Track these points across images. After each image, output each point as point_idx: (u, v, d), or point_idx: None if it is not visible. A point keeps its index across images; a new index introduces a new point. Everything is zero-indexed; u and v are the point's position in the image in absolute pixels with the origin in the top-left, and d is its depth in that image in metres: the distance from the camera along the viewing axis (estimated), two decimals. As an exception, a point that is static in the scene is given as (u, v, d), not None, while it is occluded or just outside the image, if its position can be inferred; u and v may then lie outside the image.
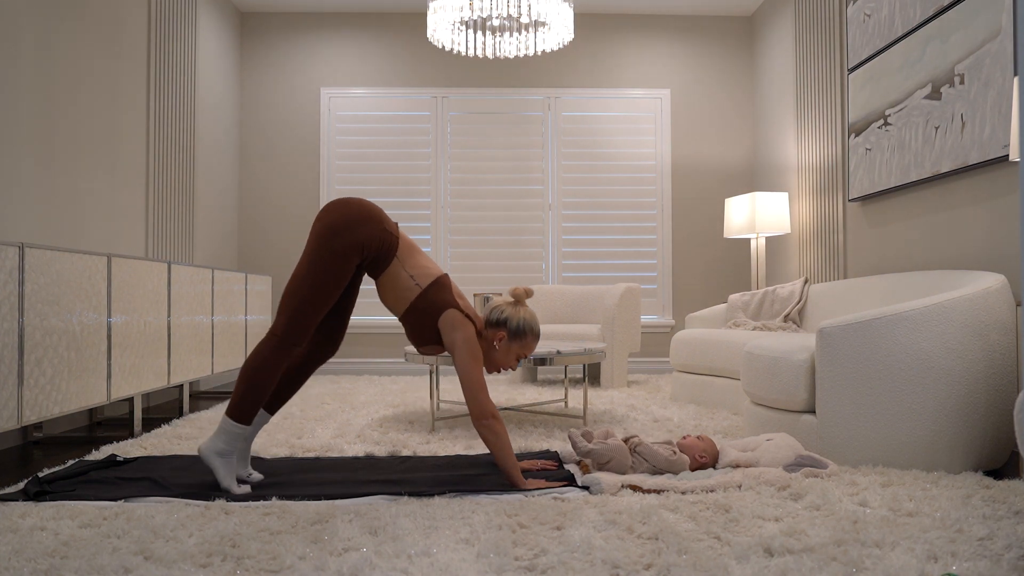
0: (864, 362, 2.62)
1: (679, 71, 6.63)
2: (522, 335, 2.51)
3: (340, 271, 2.34)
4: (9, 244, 2.66)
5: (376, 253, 2.39)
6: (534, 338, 2.54)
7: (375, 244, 2.37)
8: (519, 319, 2.50)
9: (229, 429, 2.33)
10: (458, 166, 6.53)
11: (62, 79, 3.78)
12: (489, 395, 2.39)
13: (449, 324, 2.41)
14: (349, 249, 2.34)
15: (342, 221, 2.35)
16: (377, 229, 2.38)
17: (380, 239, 2.38)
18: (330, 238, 2.34)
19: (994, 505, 2.10)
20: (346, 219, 2.36)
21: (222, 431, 2.34)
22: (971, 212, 3.43)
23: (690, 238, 6.58)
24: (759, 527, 1.93)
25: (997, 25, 3.18)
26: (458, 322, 2.41)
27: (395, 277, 2.42)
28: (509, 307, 2.53)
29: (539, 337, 2.59)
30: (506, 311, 2.52)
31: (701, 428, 3.47)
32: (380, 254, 2.40)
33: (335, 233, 2.34)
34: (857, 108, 4.44)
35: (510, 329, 2.49)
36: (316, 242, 2.35)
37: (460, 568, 1.65)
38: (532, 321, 2.53)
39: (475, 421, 2.35)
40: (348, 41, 6.54)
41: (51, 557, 1.72)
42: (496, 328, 2.51)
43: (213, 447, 2.33)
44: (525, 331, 2.51)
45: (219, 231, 5.97)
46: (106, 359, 3.30)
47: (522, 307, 2.54)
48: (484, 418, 2.33)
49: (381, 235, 2.39)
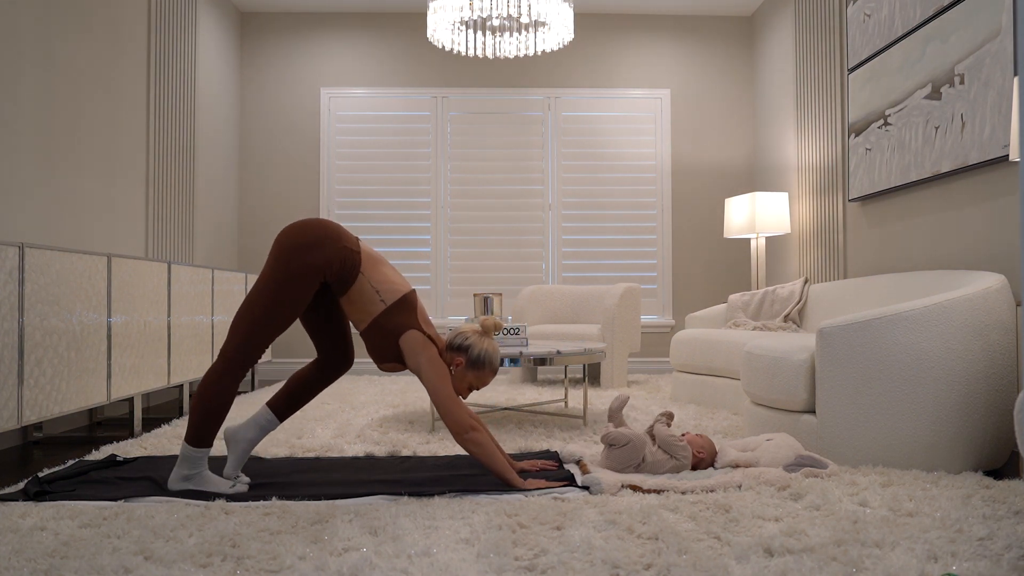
0: (864, 362, 2.62)
1: (679, 71, 6.63)
2: (480, 366, 2.46)
3: (298, 294, 2.31)
4: (9, 244, 2.66)
5: (339, 273, 2.35)
6: (491, 372, 2.48)
7: (336, 264, 2.34)
8: (481, 350, 2.46)
9: (190, 455, 2.32)
10: (458, 166, 6.53)
11: (62, 79, 3.78)
12: (463, 407, 2.37)
13: (411, 347, 2.37)
14: (308, 271, 2.31)
15: (299, 244, 2.32)
16: (335, 249, 2.34)
17: (341, 259, 2.34)
18: (287, 262, 2.31)
19: (994, 505, 2.10)
20: (303, 242, 2.32)
21: (184, 459, 2.32)
22: (971, 212, 3.43)
23: (690, 238, 6.58)
24: (759, 527, 1.93)
25: (997, 25, 3.18)
26: (419, 344, 2.37)
27: (360, 292, 2.38)
28: (475, 335, 2.49)
29: (496, 373, 2.54)
30: (470, 339, 2.47)
31: (701, 428, 3.47)
32: (343, 273, 2.36)
33: (292, 257, 2.31)
34: (857, 108, 4.44)
35: (470, 357, 2.45)
36: (273, 265, 2.32)
37: (460, 568, 1.65)
38: (493, 355, 2.48)
39: (456, 437, 2.33)
40: (348, 41, 6.54)
41: (51, 557, 1.72)
42: (456, 353, 2.46)
43: (179, 476, 2.32)
44: (484, 363, 2.46)
45: (219, 231, 5.97)
46: (106, 359, 3.30)
47: (487, 339, 2.49)
48: (464, 432, 2.32)
49: (341, 254, 2.34)
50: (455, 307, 6.48)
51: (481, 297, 3.91)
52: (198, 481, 2.32)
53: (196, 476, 2.33)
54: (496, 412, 4.00)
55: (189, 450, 2.32)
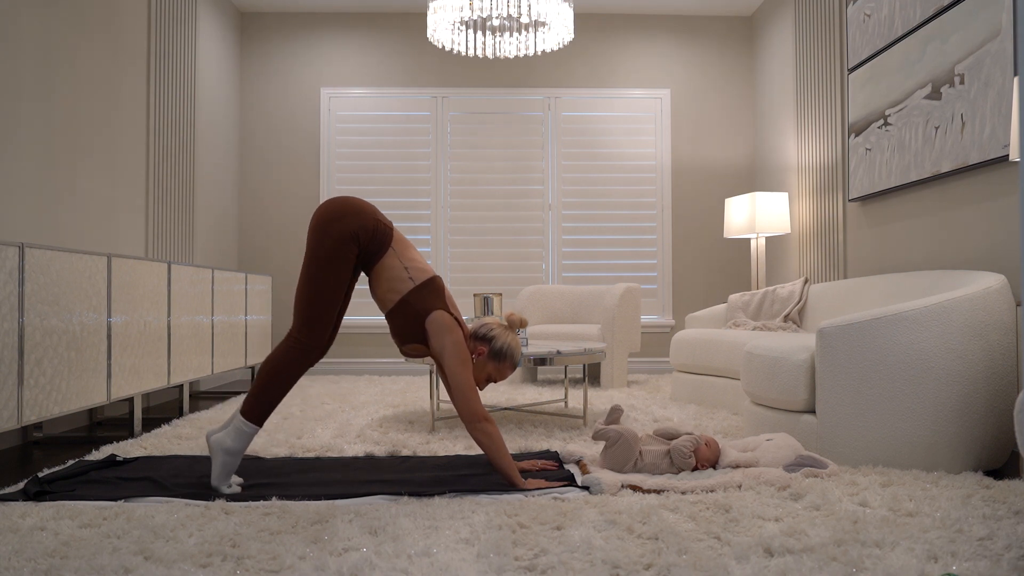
0: (864, 362, 2.62)
1: (679, 71, 6.63)
2: (501, 358, 2.49)
3: (341, 262, 2.36)
4: (9, 244, 2.66)
5: (370, 241, 2.40)
6: (511, 366, 2.51)
7: (369, 232, 2.39)
8: (505, 342, 2.49)
9: (241, 427, 2.34)
10: (458, 166, 6.53)
11: (62, 79, 3.78)
12: (479, 397, 2.38)
13: (438, 327, 2.39)
14: (345, 237, 2.36)
15: (336, 213, 2.38)
16: (370, 220, 2.40)
17: (374, 228, 2.40)
18: (325, 231, 2.36)
19: (994, 505, 2.10)
20: (339, 211, 2.38)
21: (234, 429, 2.34)
22: (971, 212, 3.43)
23: (690, 238, 6.58)
24: (759, 527, 1.93)
25: (997, 25, 3.18)
26: (447, 325, 2.40)
27: (389, 267, 2.42)
28: (499, 328, 2.52)
29: (516, 367, 2.57)
30: (495, 330, 2.51)
31: (701, 428, 3.47)
32: (374, 243, 2.41)
33: (329, 224, 2.36)
34: (857, 108, 4.44)
35: (493, 348, 2.48)
36: (313, 238, 2.38)
37: (460, 568, 1.65)
38: (516, 349, 2.51)
39: (467, 425, 2.34)
40: (348, 41, 6.54)
41: (51, 557, 1.72)
42: (480, 342, 2.49)
43: (222, 443, 2.33)
44: (506, 355, 2.49)
45: (219, 231, 5.97)
46: (106, 359, 3.30)
47: (511, 333, 2.52)
48: (476, 421, 2.33)
49: (375, 224, 2.40)
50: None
51: (481, 297, 3.91)
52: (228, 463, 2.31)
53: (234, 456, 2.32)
54: (496, 412, 4.00)
55: (241, 421, 2.34)
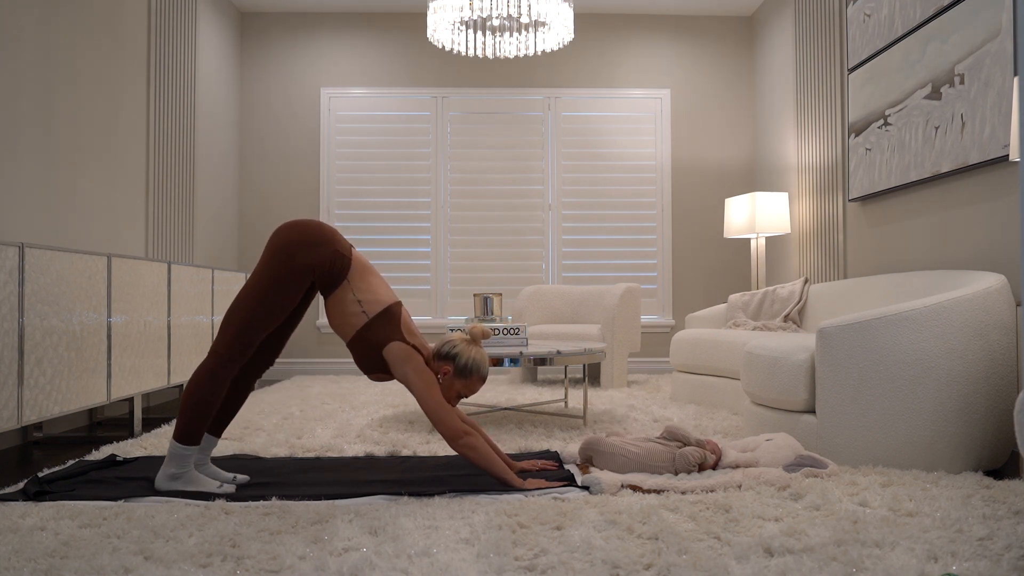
0: (864, 362, 2.62)
1: (679, 71, 6.63)
2: (468, 374, 2.46)
3: (289, 291, 2.34)
4: (9, 244, 2.66)
5: (328, 275, 2.38)
6: (479, 380, 2.48)
7: (326, 265, 2.37)
8: (468, 357, 2.46)
9: (178, 452, 2.32)
10: (458, 166, 6.53)
11: (62, 79, 3.78)
12: (454, 414, 2.37)
13: (394, 358, 2.38)
14: (301, 270, 2.34)
15: (294, 242, 2.35)
16: (329, 251, 2.37)
17: (331, 260, 2.37)
18: (282, 259, 2.33)
19: (994, 505, 2.10)
20: (298, 240, 2.35)
21: (171, 456, 2.32)
22: (971, 212, 3.43)
23: (690, 238, 6.58)
24: (759, 527, 1.93)
25: (997, 25, 3.18)
26: (403, 355, 2.37)
27: (342, 301, 2.40)
28: (462, 344, 2.49)
29: (485, 380, 2.54)
30: (458, 347, 2.47)
31: (701, 428, 3.47)
32: (331, 276, 2.39)
33: (287, 254, 2.33)
34: (857, 108, 4.44)
35: (457, 365, 2.45)
36: (268, 262, 2.34)
37: (460, 568, 1.65)
38: (481, 362, 2.48)
39: (451, 444, 2.33)
40: (348, 41, 6.54)
41: (51, 557, 1.72)
42: (444, 361, 2.46)
43: (166, 475, 2.32)
44: (472, 371, 2.46)
45: (219, 231, 5.97)
46: (106, 359, 3.30)
47: (475, 347, 2.49)
48: (458, 438, 2.32)
49: (332, 256, 2.37)
50: (455, 307, 6.47)
51: (481, 297, 3.91)
52: (185, 480, 2.32)
53: (184, 475, 2.33)
54: (496, 412, 4.00)
55: (176, 447, 2.32)
